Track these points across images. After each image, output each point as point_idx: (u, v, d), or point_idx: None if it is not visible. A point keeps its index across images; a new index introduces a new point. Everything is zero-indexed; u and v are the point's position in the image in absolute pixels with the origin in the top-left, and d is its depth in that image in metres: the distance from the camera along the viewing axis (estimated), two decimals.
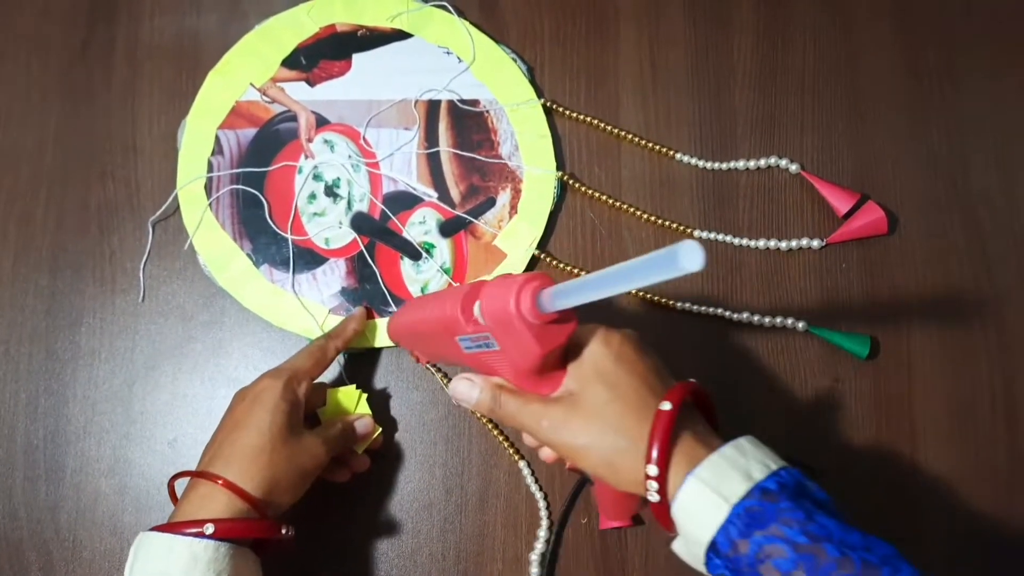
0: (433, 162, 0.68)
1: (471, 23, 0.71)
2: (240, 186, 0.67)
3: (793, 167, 0.68)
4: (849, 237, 0.67)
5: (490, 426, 0.64)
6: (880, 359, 0.66)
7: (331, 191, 0.67)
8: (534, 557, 0.62)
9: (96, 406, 0.64)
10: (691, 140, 0.70)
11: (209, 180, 0.67)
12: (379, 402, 0.65)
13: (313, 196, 0.67)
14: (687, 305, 0.66)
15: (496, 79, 0.69)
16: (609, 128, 0.69)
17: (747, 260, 0.68)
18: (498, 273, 0.66)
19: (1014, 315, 0.67)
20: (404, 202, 0.67)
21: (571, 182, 0.68)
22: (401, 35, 0.70)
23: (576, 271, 0.67)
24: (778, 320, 0.66)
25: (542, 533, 0.62)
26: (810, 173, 0.68)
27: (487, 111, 0.69)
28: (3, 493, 0.63)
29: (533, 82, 0.70)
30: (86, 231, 0.67)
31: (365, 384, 0.65)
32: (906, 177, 0.69)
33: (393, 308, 0.65)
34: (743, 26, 0.72)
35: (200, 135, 0.68)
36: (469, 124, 0.69)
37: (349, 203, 0.67)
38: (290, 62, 0.69)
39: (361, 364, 0.65)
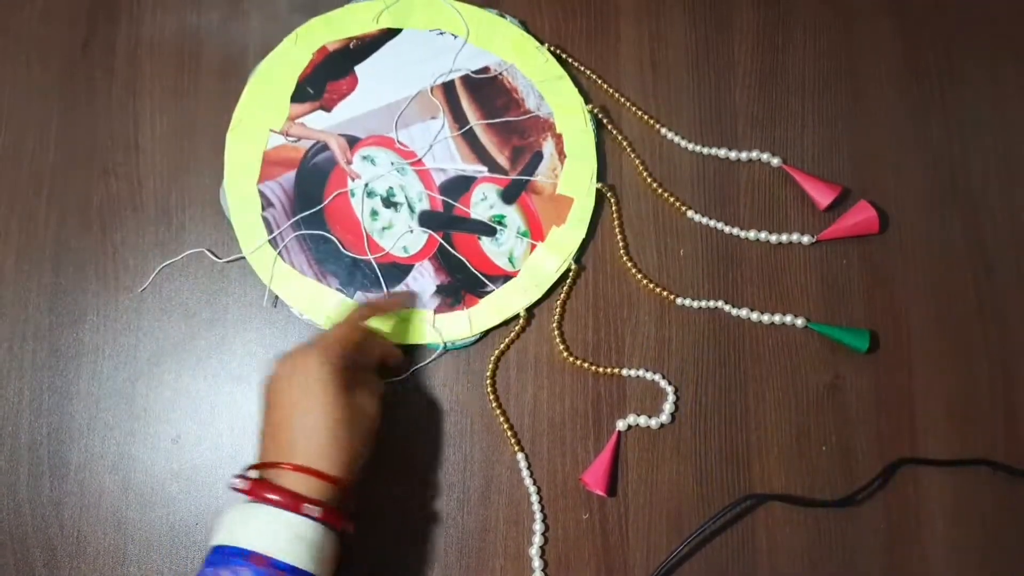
0: (471, 140, 0.69)
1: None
2: (304, 231, 0.67)
3: (775, 161, 0.69)
4: (839, 235, 0.67)
5: (498, 412, 0.64)
6: (880, 357, 0.66)
7: (389, 202, 0.67)
8: (533, 552, 0.62)
9: (99, 403, 0.65)
10: (692, 139, 0.70)
11: (271, 234, 0.67)
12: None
13: (375, 213, 0.67)
14: (687, 301, 0.66)
15: (495, 41, 0.70)
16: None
17: (747, 255, 0.68)
18: (571, 219, 0.67)
19: (1014, 314, 0.68)
20: (460, 187, 0.68)
21: (602, 116, 0.69)
22: (391, 33, 0.71)
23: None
24: (777, 317, 0.66)
25: (538, 527, 0.62)
26: (792, 167, 0.69)
27: (500, 73, 0.70)
28: (7, 489, 0.63)
29: (528, 31, 0.71)
30: (88, 228, 0.67)
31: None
32: (906, 175, 0.70)
33: (491, 288, 0.66)
34: (743, 25, 0.72)
35: (243, 197, 0.67)
36: (488, 92, 0.69)
37: (410, 207, 0.67)
38: (298, 96, 0.69)
39: None
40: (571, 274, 0.67)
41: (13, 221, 0.68)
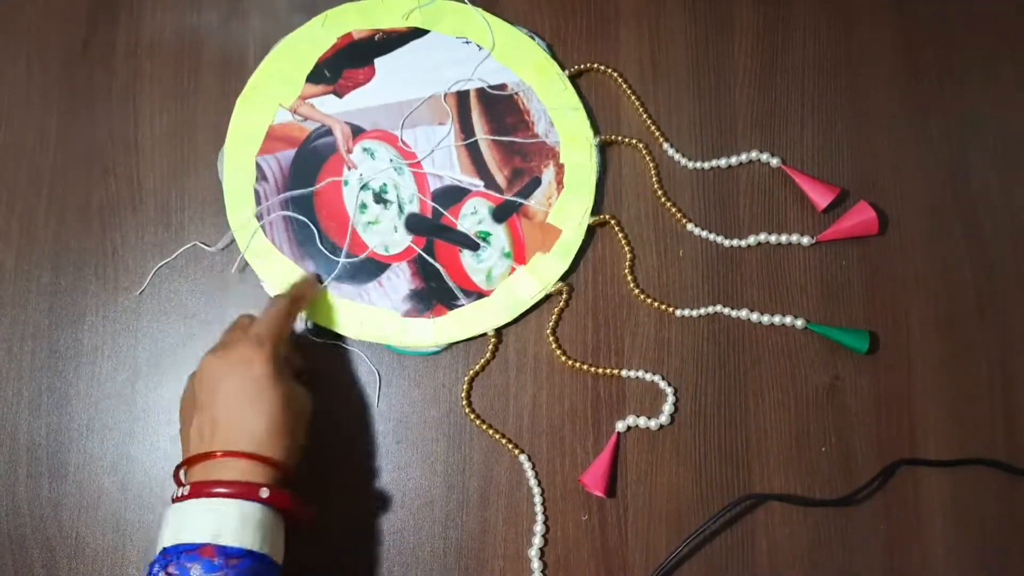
0: (473, 152, 0.69)
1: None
2: (290, 212, 0.67)
3: (774, 161, 0.69)
4: (839, 236, 0.67)
5: (484, 426, 0.64)
6: (880, 358, 0.66)
7: (380, 198, 0.67)
8: (533, 553, 0.62)
9: (99, 404, 0.64)
10: (691, 139, 0.70)
11: (259, 208, 0.67)
12: (381, 399, 0.65)
13: (364, 206, 0.67)
14: (687, 312, 0.66)
15: (519, 60, 0.70)
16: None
17: (746, 257, 0.68)
18: (556, 250, 0.66)
19: (1014, 314, 0.67)
20: (453, 196, 0.68)
21: (607, 139, 0.69)
22: (417, 32, 0.71)
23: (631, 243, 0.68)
24: (776, 318, 0.66)
25: (538, 528, 0.62)
26: (791, 167, 0.69)
27: (516, 93, 0.70)
28: (6, 490, 0.63)
29: (555, 57, 0.71)
30: (88, 228, 0.67)
31: (363, 384, 0.65)
32: (906, 176, 0.70)
33: (463, 302, 0.66)
34: (743, 26, 0.72)
35: (240, 164, 0.67)
36: (501, 109, 0.69)
37: (400, 207, 0.67)
38: (314, 77, 0.69)
39: (362, 362, 0.65)
40: (563, 295, 0.66)
41: (13, 221, 0.68)
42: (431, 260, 0.66)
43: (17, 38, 0.71)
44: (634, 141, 0.69)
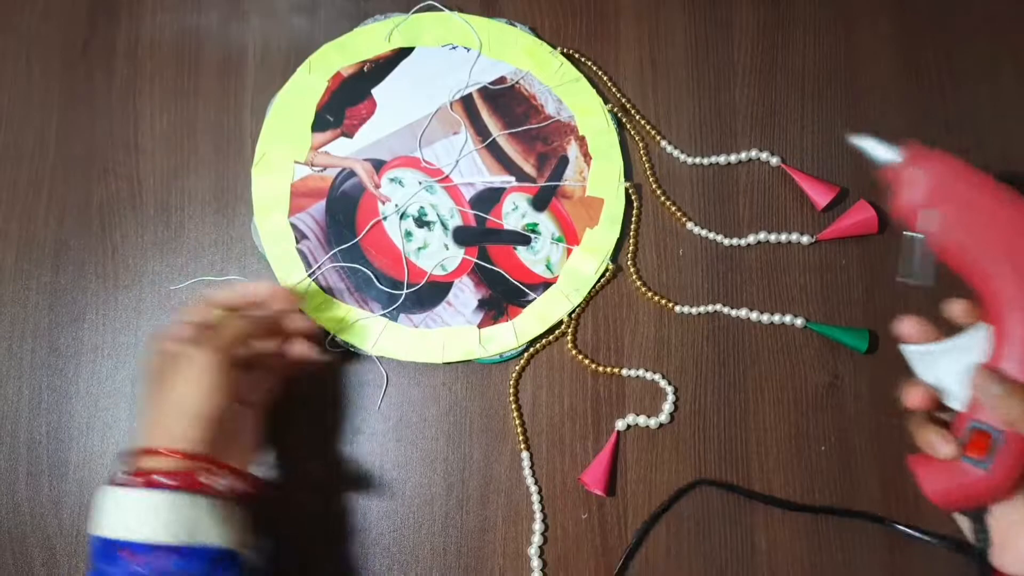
0: (495, 151, 0.69)
1: (461, 12, 0.71)
2: (340, 262, 0.66)
3: (774, 160, 0.69)
4: (839, 235, 0.67)
5: (516, 413, 0.64)
6: (880, 357, 0.66)
7: (422, 222, 0.67)
8: (532, 551, 0.62)
9: (99, 402, 0.65)
10: (691, 138, 0.70)
11: (309, 268, 0.66)
12: (379, 399, 0.65)
13: (409, 234, 0.67)
14: (686, 309, 0.66)
15: (508, 50, 0.70)
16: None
17: (746, 256, 0.68)
18: (603, 221, 0.67)
19: None
20: (490, 199, 0.68)
21: (620, 115, 0.70)
22: (403, 52, 0.71)
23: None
24: (776, 317, 0.66)
25: (537, 527, 0.62)
26: (791, 166, 0.69)
27: (517, 82, 0.70)
28: (6, 488, 0.63)
29: (540, 38, 0.71)
30: (88, 227, 0.68)
31: (364, 383, 0.65)
32: None
33: (532, 296, 0.66)
34: (743, 25, 0.72)
35: (276, 232, 0.67)
36: (507, 101, 0.70)
37: (443, 224, 0.67)
38: (319, 125, 0.69)
39: (360, 360, 0.66)
40: (607, 275, 0.67)
41: (13, 220, 0.68)
42: (489, 266, 0.67)
43: (17, 38, 0.71)
44: (640, 143, 0.69)
